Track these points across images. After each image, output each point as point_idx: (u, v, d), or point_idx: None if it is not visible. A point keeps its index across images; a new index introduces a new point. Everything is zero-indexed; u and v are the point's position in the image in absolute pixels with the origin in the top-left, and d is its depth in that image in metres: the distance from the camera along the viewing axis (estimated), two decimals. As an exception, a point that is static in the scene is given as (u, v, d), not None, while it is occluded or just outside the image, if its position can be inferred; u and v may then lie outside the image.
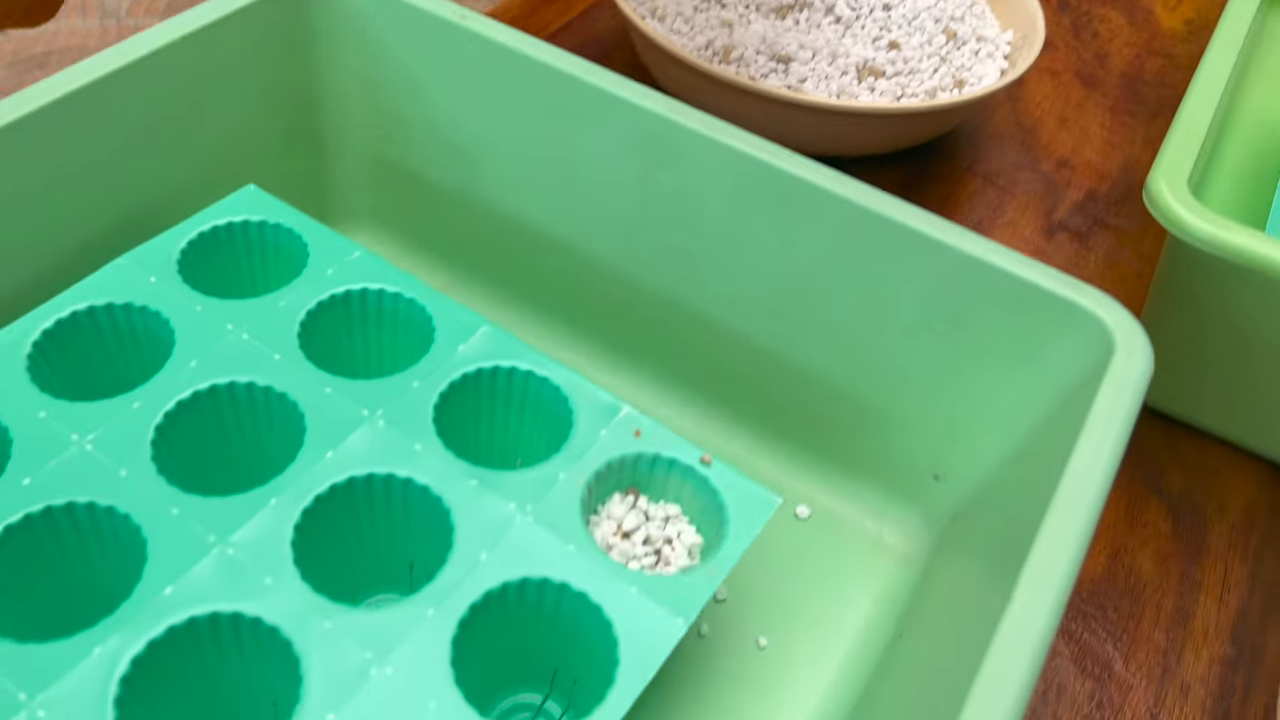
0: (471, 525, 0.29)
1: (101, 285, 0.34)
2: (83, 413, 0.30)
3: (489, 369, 0.34)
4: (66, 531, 0.28)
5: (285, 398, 0.32)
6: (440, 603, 0.28)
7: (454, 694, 0.26)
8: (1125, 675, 0.37)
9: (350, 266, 0.36)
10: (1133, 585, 0.40)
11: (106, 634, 0.26)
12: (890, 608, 0.36)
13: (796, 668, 0.34)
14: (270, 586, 0.27)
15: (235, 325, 0.34)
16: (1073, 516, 0.27)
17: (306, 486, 0.30)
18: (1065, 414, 0.32)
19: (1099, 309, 0.32)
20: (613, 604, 0.28)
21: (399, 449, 0.31)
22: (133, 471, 0.29)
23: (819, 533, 0.38)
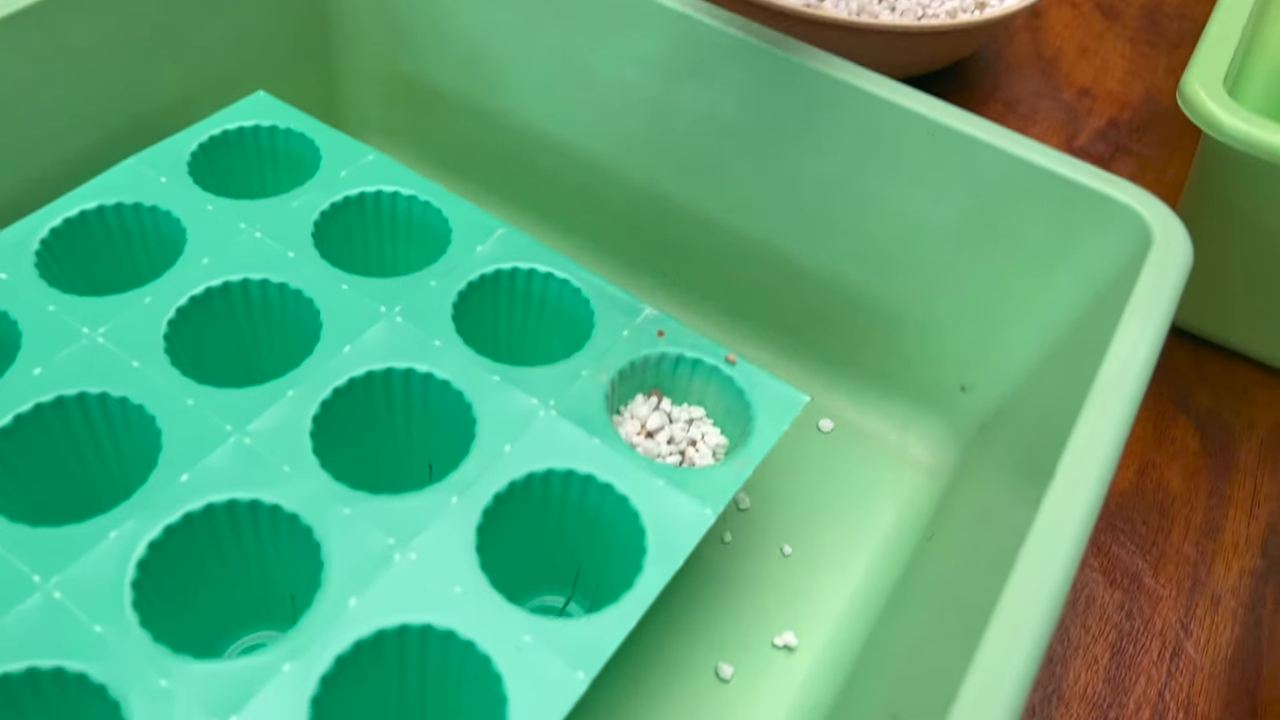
0: (494, 419, 0.29)
1: (111, 185, 0.33)
2: (93, 307, 0.30)
3: (507, 270, 0.33)
4: (78, 421, 0.28)
5: (300, 294, 0.31)
6: (464, 491, 0.27)
7: (480, 579, 0.25)
8: (1155, 587, 0.37)
9: (364, 169, 0.35)
10: (1161, 500, 0.39)
11: (122, 519, 0.25)
12: (916, 518, 0.36)
13: (821, 574, 0.34)
14: (289, 474, 0.27)
15: (248, 224, 0.33)
16: (1109, 411, 0.27)
17: (324, 379, 0.29)
18: (1099, 315, 0.32)
19: (1135, 202, 0.31)
20: (639, 495, 0.28)
21: (418, 344, 0.30)
22: (145, 364, 0.28)
23: (843, 446, 0.38)
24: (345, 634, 0.24)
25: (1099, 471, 0.25)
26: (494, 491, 0.27)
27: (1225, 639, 0.35)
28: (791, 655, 0.32)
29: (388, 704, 0.25)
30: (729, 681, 0.31)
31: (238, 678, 0.23)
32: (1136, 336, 0.28)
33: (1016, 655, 0.22)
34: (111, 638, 0.23)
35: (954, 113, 0.33)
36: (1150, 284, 0.29)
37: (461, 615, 0.24)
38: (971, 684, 0.22)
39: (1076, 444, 0.26)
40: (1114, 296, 0.31)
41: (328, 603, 0.24)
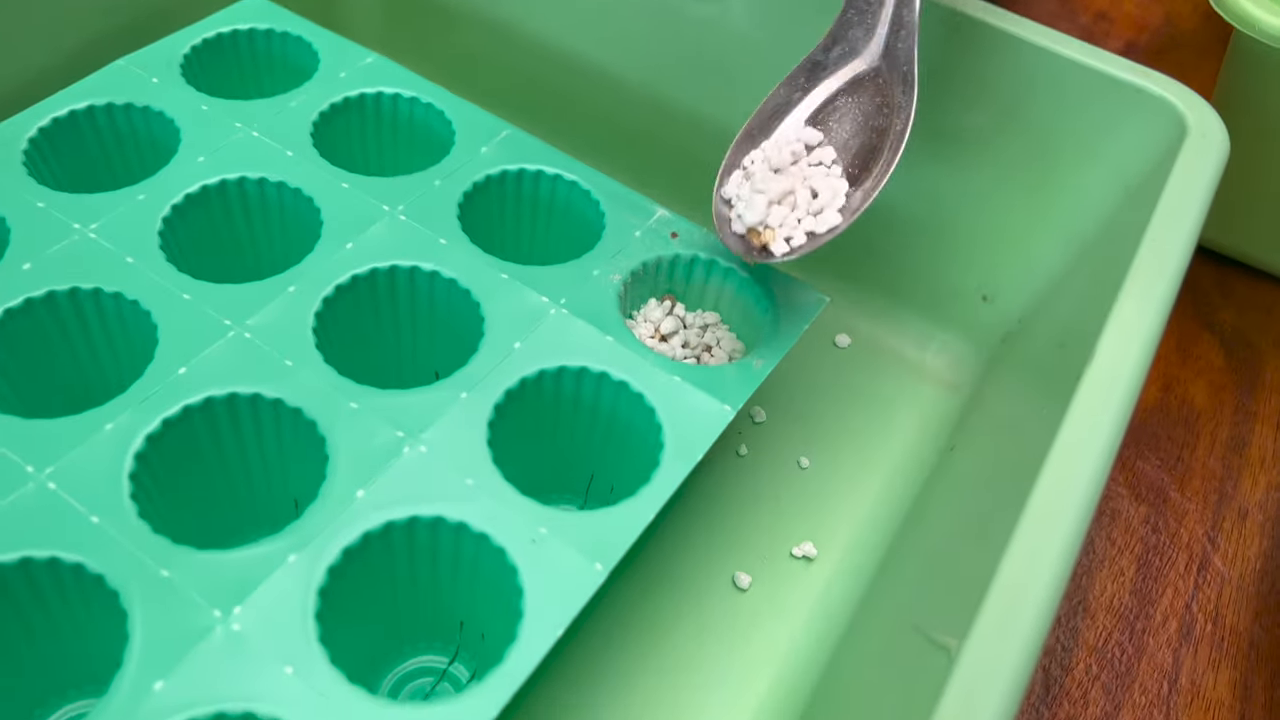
0: (503, 317, 0.28)
1: (101, 85, 0.32)
2: (84, 204, 0.28)
3: (514, 171, 0.32)
4: (69, 317, 0.27)
5: (300, 193, 0.30)
6: (473, 386, 0.26)
7: (493, 472, 0.24)
8: (1180, 501, 0.36)
9: (363, 71, 0.34)
10: (1186, 415, 0.38)
11: (118, 411, 0.24)
12: (937, 431, 0.35)
13: (840, 486, 0.33)
14: (291, 369, 0.25)
15: (244, 124, 0.31)
16: (1149, 297, 0.26)
17: (326, 276, 0.28)
18: (1130, 212, 0.30)
19: (1169, 93, 0.30)
20: (655, 392, 0.27)
21: (423, 242, 0.29)
22: (140, 260, 0.27)
23: (860, 362, 0.37)
24: (353, 526, 0.23)
25: (1131, 370, 0.24)
26: (505, 388, 0.26)
27: (1254, 552, 0.34)
28: (810, 565, 0.31)
29: (397, 597, 0.24)
30: (746, 591, 0.30)
31: (241, 568, 0.22)
32: (1172, 229, 0.27)
33: (1044, 565, 0.21)
34: (109, 528, 0.22)
35: (978, 5, 0.32)
36: (1186, 174, 0.28)
37: (474, 507, 0.23)
38: (997, 595, 0.21)
39: (1108, 341, 0.25)
40: (1146, 192, 0.29)
41: (334, 495, 0.23)
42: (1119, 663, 0.31)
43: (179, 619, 0.21)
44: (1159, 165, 0.30)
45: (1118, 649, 0.32)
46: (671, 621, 0.29)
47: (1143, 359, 0.24)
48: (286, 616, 0.21)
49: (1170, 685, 0.31)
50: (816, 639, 0.29)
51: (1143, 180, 0.30)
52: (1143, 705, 0.30)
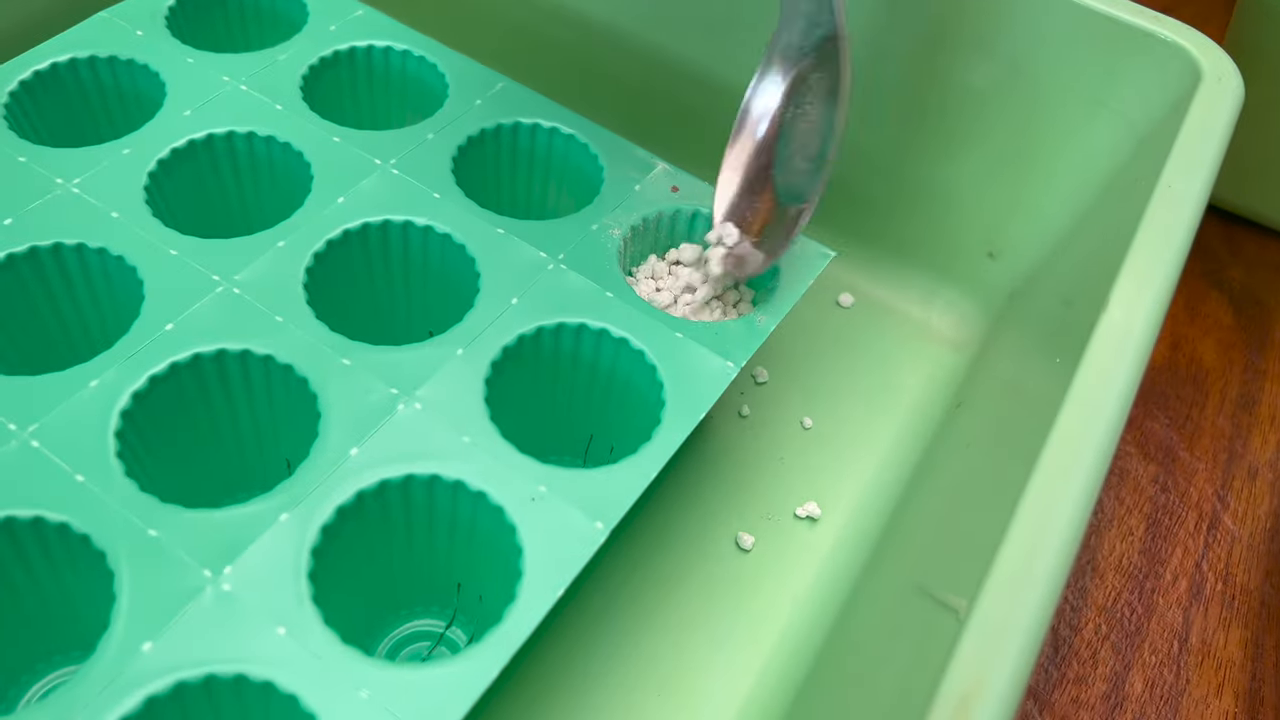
0: (499, 272, 0.27)
1: (82, 38, 0.31)
2: (66, 158, 0.28)
3: (509, 125, 0.31)
4: (53, 274, 0.26)
5: (289, 147, 0.29)
6: (469, 343, 0.25)
7: (490, 429, 0.24)
8: (1189, 460, 0.35)
9: (354, 24, 0.33)
10: (1195, 373, 0.38)
11: (103, 368, 0.23)
12: (942, 391, 0.34)
13: (844, 446, 0.32)
14: (282, 325, 0.25)
15: (231, 78, 0.30)
16: (1164, 244, 0.25)
17: (316, 230, 0.27)
18: (1142, 162, 0.30)
19: (1181, 38, 0.29)
20: (657, 349, 0.26)
21: (416, 197, 0.28)
22: (125, 215, 0.26)
23: (864, 321, 0.36)
24: (347, 484, 0.22)
25: (1143, 327, 0.23)
26: (501, 345, 0.25)
27: (1264, 510, 0.34)
28: (815, 526, 0.30)
29: (393, 557, 0.24)
30: (750, 551, 0.30)
31: (232, 528, 0.21)
32: (1186, 177, 0.26)
33: (1056, 525, 0.20)
34: (95, 487, 0.21)
35: (987, -52, 0.31)
36: (1200, 121, 0.27)
37: (471, 465, 0.23)
38: (1008, 556, 0.20)
39: (1120, 296, 0.24)
40: (1158, 142, 0.29)
41: (327, 453, 0.23)
42: (1129, 622, 0.31)
43: (168, 579, 0.20)
44: (1171, 113, 0.29)
45: (1127, 608, 0.31)
46: (675, 582, 0.29)
47: (1155, 314, 0.23)
48: (279, 576, 0.21)
49: (1180, 644, 0.31)
50: (821, 600, 0.29)
51: (1154, 129, 0.30)
52: (1153, 664, 0.30)
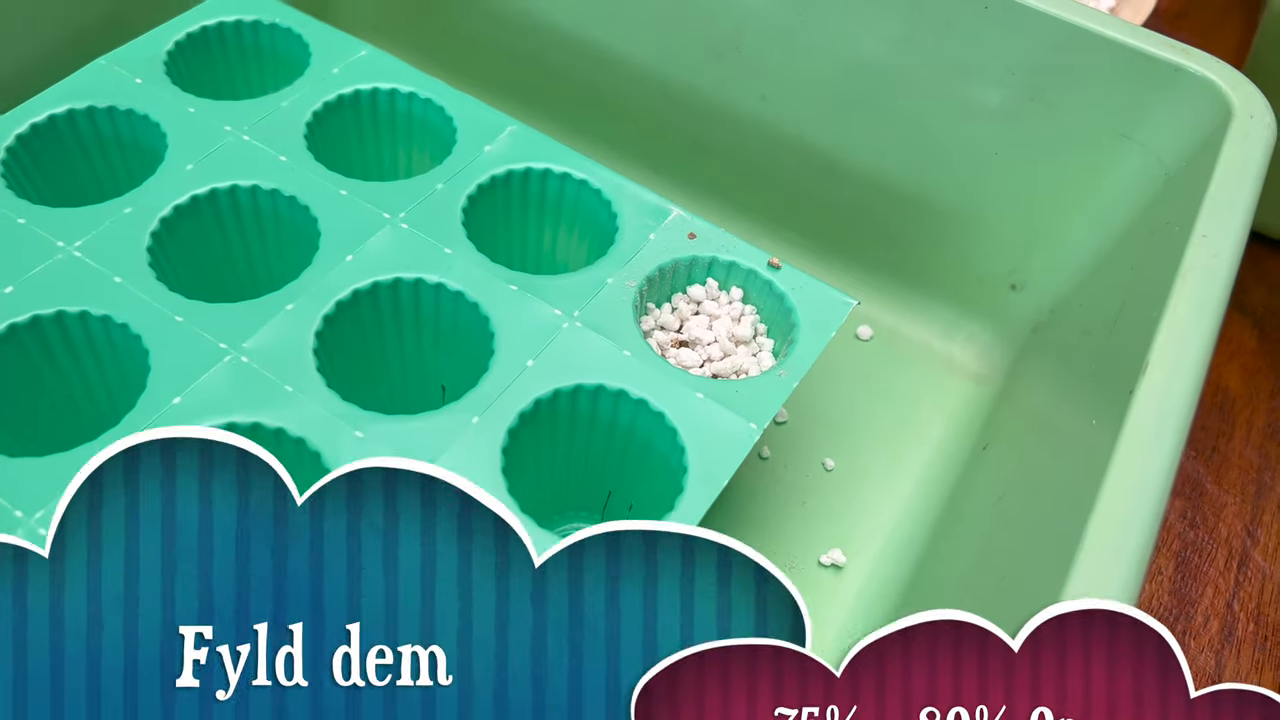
0: (513, 332, 0.26)
1: (81, 87, 0.30)
2: (67, 219, 0.27)
3: (520, 171, 0.30)
4: (56, 343, 0.25)
5: (295, 201, 0.28)
6: (485, 410, 0.24)
7: (509, 503, 0.23)
8: (1217, 493, 0.34)
9: (358, 65, 0.32)
10: (1221, 402, 0.37)
11: (110, 447, 0.23)
12: (966, 427, 0.33)
13: (868, 488, 0.32)
14: (292, 395, 0.24)
15: (234, 127, 0.30)
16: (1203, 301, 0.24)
17: (325, 292, 0.26)
18: (1171, 198, 0.29)
19: (1211, 73, 0.28)
20: (676, 410, 0.25)
21: (427, 252, 0.27)
22: (128, 279, 0.26)
23: (883, 354, 0.35)
24: (363, 567, 0.22)
25: (1192, 371, 0.23)
26: (518, 410, 0.25)
27: (1295, 546, 0.33)
28: (840, 574, 0.30)
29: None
30: (774, 606, 0.29)
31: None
32: (1225, 218, 0.25)
33: (1115, 580, 0.20)
34: (104, 578, 0.21)
35: (1009, -20, 0.30)
36: (1234, 161, 0.27)
37: (490, 543, 0.22)
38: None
39: (1165, 341, 0.23)
40: (1190, 179, 0.28)
41: (342, 533, 0.22)
42: (1160, 669, 0.30)
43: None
44: (1201, 150, 0.28)
45: (1158, 654, 0.31)
46: (697, 641, 0.28)
47: (1199, 365, 0.23)
48: None
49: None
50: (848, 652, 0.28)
51: (1184, 166, 0.29)
52: (1186, 714, 0.29)
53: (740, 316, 0.29)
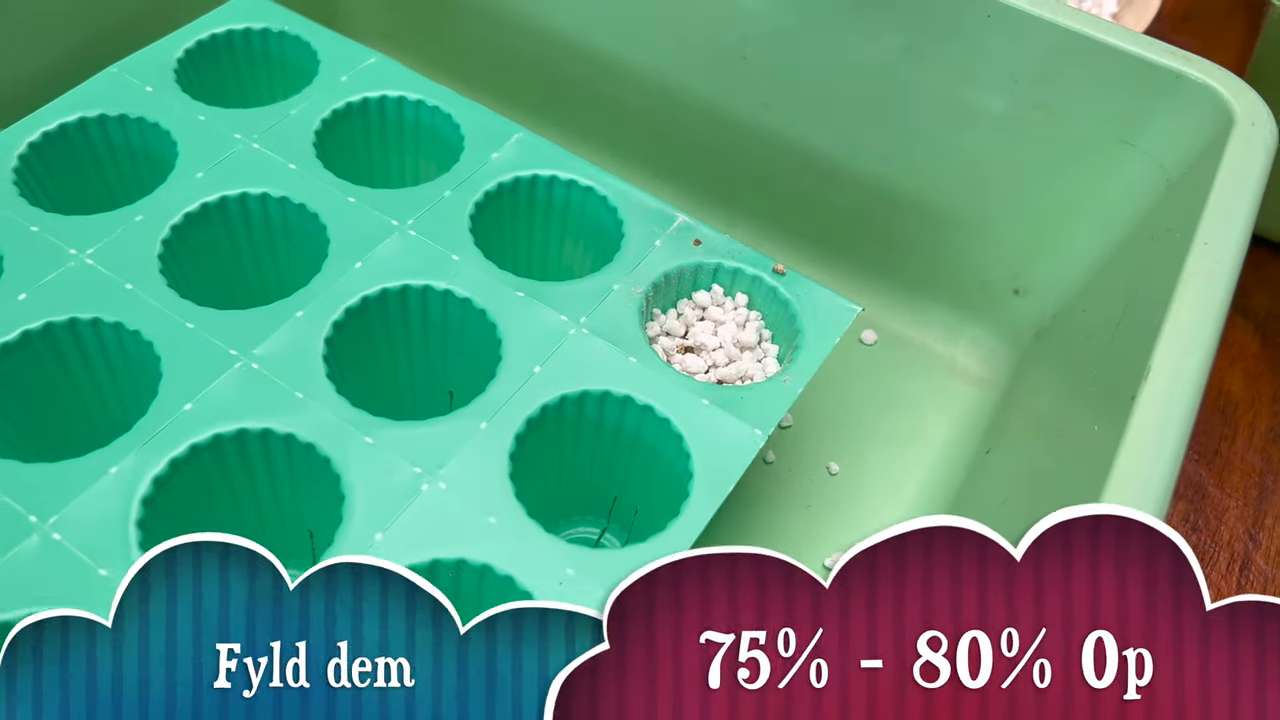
0: (520, 338, 0.26)
1: (92, 95, 0.30)
2: (79, 227, 0.27)
3: (527, 178, 0.30)
4: (69, 350, 0.25)
5: (304, 209, 0.29)
6: (492, 416, 0.25)
7: (516, 509, 0.23)
8: (1220, 497, 0.35)
9: (366, 73, 0.32)
10: (1223, 405, 0.37)
11: (123, 453, 0.23)
12: (969, 431, 0.34)
13: (872, 492, 0.32)
14: (302, 401, 0.24)
15: (243, 135, 0.30)
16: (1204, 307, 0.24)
17: (335, 299, 0.26)
18: (1173, 204, 0.29)
19: (1212, 80, 0.29)
20: (682, 416, 0.25)
21: (435, 259, 0.28)
22: (139, 286, 0.26)
23: (887, 359, 0.35)
24: (372, 571, 0.22)
25: (1193, 378, 0.23)
26: (525, 416, 0.25)
27: (1297, 550, 0.33)
28: (843, 580, 0.30)
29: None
30: (779, 609, 0.29)
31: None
32: (1226, 224, 0.26)
33: None
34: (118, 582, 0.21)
35: (1010, -12, 0.30)
36: (1236, 168, 0.27)
37: (498, 548, 0.22)
38: None
39: (1167, 348, 0.23)
40: (1191, 185, 0.28)
41: (351, 538, 0.22)
42: (1162, 672, 0.30)
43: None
44: (1203, 157, 0.28)
45: (1160, 657, 0.31)
46: (702, 644, 0.28)
47: (1201, 372, 0.23)
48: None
49: (1216, 695, 0.30)
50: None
51: (1185, 173, 0.29)
52: None
53: (745, 322, 0.29)
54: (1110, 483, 0.21)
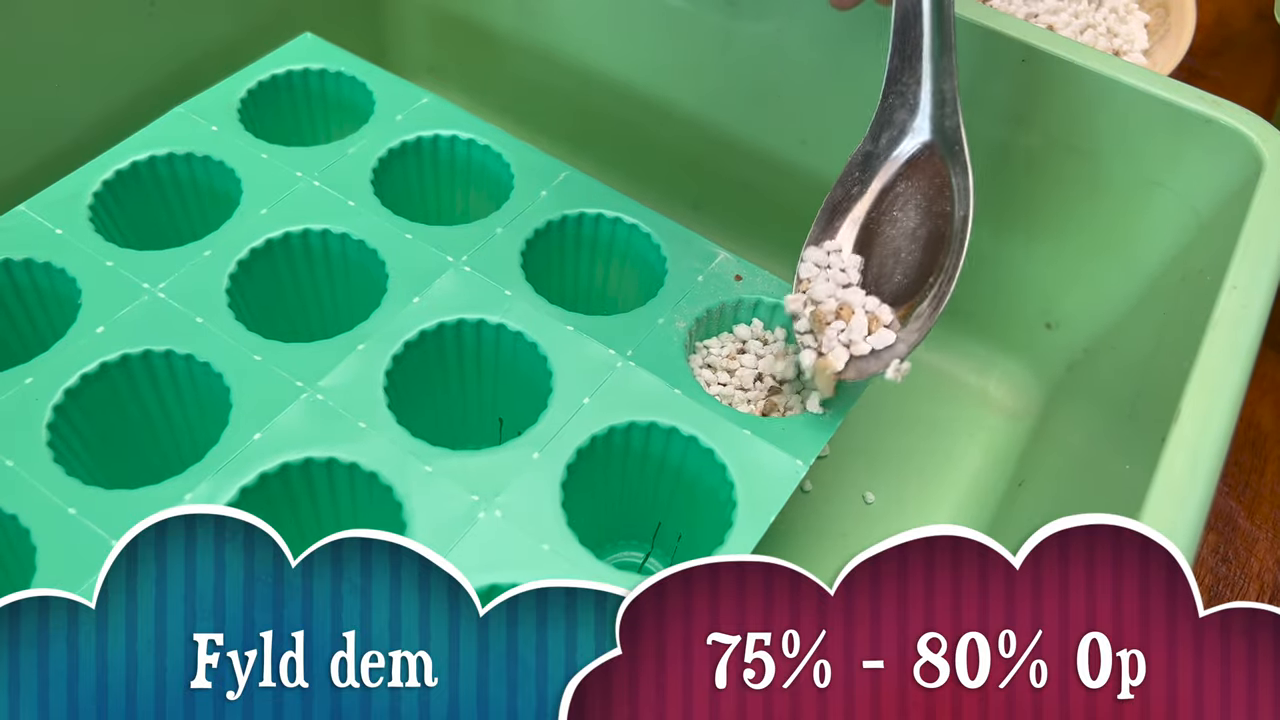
0: (570, 370, 0.28)
1: (160, 135, 0.32)
2: (151, 262, 0.29)
3: (574, 216, 0.31)
4: (143, 381, 0.27)
5: (364, 245, 0.30)
6: (544, 446, 0.26)
7: (568, 536, 0.24)
8: (1250, 529, 0.35)
9: (420, 113, 0.34)
10: (1253, 438, 0.38)
11: (196, 480, 0.24)
12: (1003, 461, 0.34)
13: (908, 522, 0.33)
14: (365, 431, 0.26)
15: (304, 173, 0.31)
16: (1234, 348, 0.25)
17: (394, 332, 0.28)
18: (1205, 245, 0.30)
19: (1241, 124, 0.29)
20: (726, 447, 0.26)
21: (488, 295, 0.29)
22: (209, 319, 0.27)
23: (920, 389, 0.36)
24: (433, 596, 0.23)
25: (1223, 420, 0.24)
26: (575, 446, 0.26)
27: (1327, 582, 0.34)
28: (879, 607, 0.31)
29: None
30: (816, 635, 0.30)
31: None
32: (1255, 266, 0.26)
33: None
34: (194, 604, 0.22)
35: (1048, 37, 0.31)
36: (1265, 212, 0.28)
37: (551, 574, 0.23)
38: None
39: (1197, 391, 0.24)
40: (1222, 229, 0.29)
41: (413, 564, 0.23)
42: (1192, 701, 0.31)
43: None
44: (1233, 200, 0.29)
45: (1191, 687, 0.31)
46: (742, 668, 0.29)
47: (1230, 414, 0.24)
48: None
49: (1246, 724, 0.31)
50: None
51: (1216, 215, 0.30)
52: (1218, 746, 0.30)
53: (785, 356, 0.30)
54: (1142, 520, 0.22)
